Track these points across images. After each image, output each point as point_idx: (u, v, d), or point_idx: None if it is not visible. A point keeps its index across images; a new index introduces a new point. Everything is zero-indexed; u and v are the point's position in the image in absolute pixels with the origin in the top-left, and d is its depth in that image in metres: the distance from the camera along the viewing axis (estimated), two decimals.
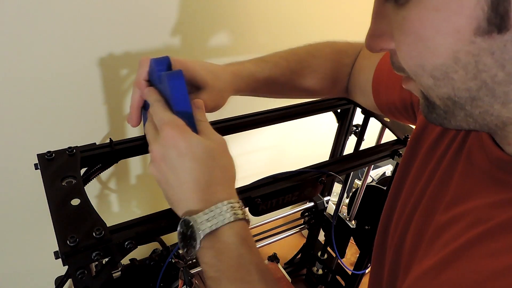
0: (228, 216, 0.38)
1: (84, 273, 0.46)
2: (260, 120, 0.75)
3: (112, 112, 0.81)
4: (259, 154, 1.18)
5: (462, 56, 0.27)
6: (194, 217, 0.38)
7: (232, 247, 0.38)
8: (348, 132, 0.91)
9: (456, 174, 0.38)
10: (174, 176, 0.39)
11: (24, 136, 0.74)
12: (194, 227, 0.38)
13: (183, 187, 0.39)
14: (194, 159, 0.39)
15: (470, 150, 0.37)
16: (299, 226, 1.06)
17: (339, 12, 1.02)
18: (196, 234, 0.38)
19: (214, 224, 0.38)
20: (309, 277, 1.19)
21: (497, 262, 0.29)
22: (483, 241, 0.32)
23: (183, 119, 0.41)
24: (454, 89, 0.29)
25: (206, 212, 0.38)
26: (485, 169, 0.34)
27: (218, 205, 0.39)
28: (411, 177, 0.46)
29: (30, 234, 0.86)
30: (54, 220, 0.46)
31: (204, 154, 0.40)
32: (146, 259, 0.70)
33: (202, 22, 0.81)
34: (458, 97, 0.29)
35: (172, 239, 0.90)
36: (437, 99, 0.31)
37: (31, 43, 0.65)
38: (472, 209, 0.34)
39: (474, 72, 0.27)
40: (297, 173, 0.63)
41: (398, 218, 0.46)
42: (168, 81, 0.41)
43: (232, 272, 0.38)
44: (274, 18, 0.91)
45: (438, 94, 0.30)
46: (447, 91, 0.29)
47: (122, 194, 0.95)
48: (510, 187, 0.32)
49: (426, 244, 0.39)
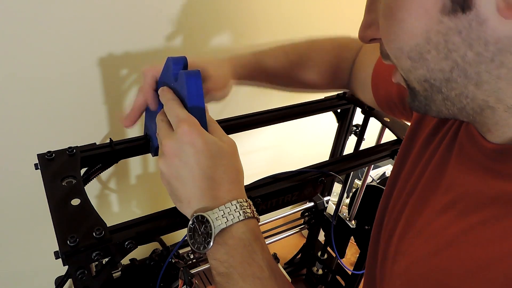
0: (241, 213, 0.39)
1: (84, 273, 0.46)
2: (260, 120, 0.75)
3: (112, 112, 0.81)
4: (259, 154, 1.18)
5: (432, 36, 0.28)
6: (209, 213, 0.39)
7: (246, 243, 0.39)
8: (348, 132, 0.91)
9: (449, 165, 0.39)
10: (188, 172, 0.40)
11: (24, 136, 0.74)
12: (210, 222, 0.38)
13: (196, 183, 0.40)
14: (210, 157, 0.40)
15: (461, 142, 0.38)
16: (299, 226, 1.06)
17: (340, 12, 1.02)
18: (212, 230, 0.38)
19: (230, 220, 0.38)
20: (309, 277, 1.19)
21: (489, 250, 0.30)
22: (474, 230, 0.32)
23: (196, 117, 0.42)
24: (429, 71, 0.30)
25: (221, 208, 0.39)
26: (475, 158, 0.35)
27: (233, 202, 0.39)
28: (405, 171, 0.47)
29: (30, 234, 0.86)
30: (54, 220, 0.46)
31: (219, 153, 0.40)
32: (146, 259, 0.70)
33: (202, 22, 0.81)
34: (434, 79, 0.30)
35: (172, 239, 0.90)
36: (416, 83, 0.32)
37: (31, 43, 0.65)
38: (463, 197, 0.35)
39: (445, 52, 0.28)
40: (297, 173, 0.63)
41: (391, 211, 0.47)
42: (186, 79, 0.42)
43: (244, 268, 0.38)
44: (275, 18, 0.91)
45: (416, 77, 0.31)
46: (423, 72, 0.30)
47: (122, 194, 0.95)
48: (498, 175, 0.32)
49: (416, 233, 0.39)
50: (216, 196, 0.40)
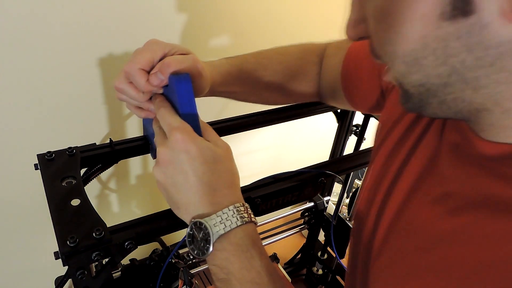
0: (239, 218, 0.39)
1: (84, 273, 0.46)
2: (260, 120, 0.75)
3: (112, 112, 0.81)
4: (259, 154, 1.18)
5: (430, 41, 0.27)
6: (207, 219, 0.38)
7: (244, 248, 0.39)
8: (348, 132, 0.91)
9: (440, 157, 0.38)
10: (183, 179, 0.39)
11: (24, 136, 0.73)
12: (208, 229, 0.38)
13: (192, 190, 0.39)
14: (205, 163, 0.39)
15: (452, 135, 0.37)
16: (299, 226, 1.06)
17: (340, 12, 1.01)
18: (210, 236, 0.38)
19: (228, 226, 0.38)
20: (309, 277, 1.19)
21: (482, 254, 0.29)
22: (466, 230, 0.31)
23: (189, 122, 0.41)
24: (425, 76, 0.29)
25: (219, 214, 0.39)
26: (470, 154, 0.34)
27: (230, 207, 0.39)
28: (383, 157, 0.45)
29: (30, 234, 0.86)
30: (54, 220, 0.46)
31: (213, 158, 0.40)
32: (146, 259, 0.70)
33: (202, 22, 0.81)
34: (430, 84, 0.29)
35: (172, 239, 0.90)
36: (411, 87, 0.31)
37: (31, 43, 0.65)
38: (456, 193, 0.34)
39: (443, 57, 0.27)
40: (297, 173, 0.63)
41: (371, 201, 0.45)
42: (176, 86, 0.42)
43: (242, 275, 0.38)
44: (274, 18, 0.91)
45: (411, 81, 0.30)
46: (419, 77, 0.29)
47: (122, 194, 0.95)
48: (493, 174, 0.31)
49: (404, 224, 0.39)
50: (213, 202, 0.40)
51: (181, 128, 0.40)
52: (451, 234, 0.33)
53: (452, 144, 0.37)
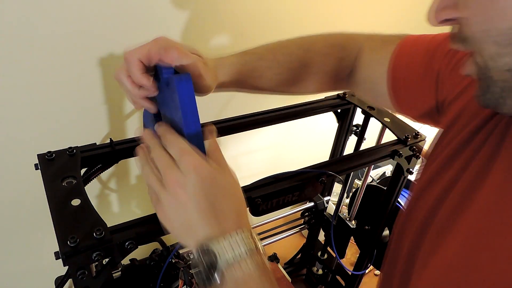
0: (248, 243, 0.38)
1: (85, 273, 0.46)
2: (260, 120, 0.75)
3: (112, 112, 0.81)
4: (259, 154, 1.18)
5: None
6: (215, 244, 0.37)
7: (254, 275, 0.37)
8: (348, 132, 0.91)
9: (496, 161, 0.36)
10: (193, 202, 0.38)
11: (24, 136, 0.73)
12: (217, 254, 0.37)
13: (202, 213, 0.38)
14: (217, 187, 0.39)
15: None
16: (299, 226, 1.06)
17: (340, 12, 1.02)
18: (218, 262, 0.37)
19: (238, 255, 0.37)
20: (309, 277, 1.19)
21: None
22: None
23: (191, 124, 0.41)
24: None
25: (227, 238, 0.37)
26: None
27: (238, 232, 0.38)
28: (437, 165, 0.44)
29: (30, 234, 0.86)
30: (54, 220, 0.46)
31: (225, 183, 0.40)
32: (146, 259, 0.70)
33: (202, 21, 0.81)
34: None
35: (172, 239, 0.90)
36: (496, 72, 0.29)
37: (32, 43, 0.65)
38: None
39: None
40: (297, 173, 0.63)
41: (420, 207, 0.44)
42: (176, 85, 0.41)
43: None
44: (275, 18, 0.91)
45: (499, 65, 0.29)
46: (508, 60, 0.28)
47: (122, 194, 0.95)
48: None
49: (456, 232, 0.37)
50: (222, 226, 0.39)
51: (191, 152, 0.39)
52: None
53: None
